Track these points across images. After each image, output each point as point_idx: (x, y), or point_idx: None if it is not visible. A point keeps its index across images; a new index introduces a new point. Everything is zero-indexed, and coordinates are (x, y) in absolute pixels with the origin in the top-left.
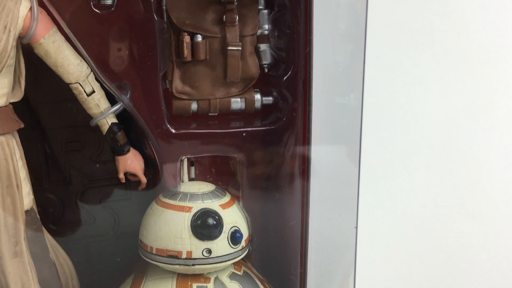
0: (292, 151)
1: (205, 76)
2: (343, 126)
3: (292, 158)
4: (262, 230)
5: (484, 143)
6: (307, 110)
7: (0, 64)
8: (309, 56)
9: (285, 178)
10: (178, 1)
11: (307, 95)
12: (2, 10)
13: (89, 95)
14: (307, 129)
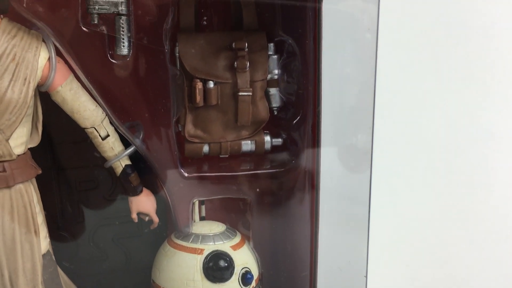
0: (301, 193)
1: (217, 120)
2: (352, 169)
3: (301, 200)
4: (272, 267)
5: (496, 145)
6: (315, 153)
7: (20, 116)
8: (318, 100)
9: (294, 218)
10: (191, 48)
11: (315, 138)
12: (22, 62)
13: (103, 139)
14: (316, 172)
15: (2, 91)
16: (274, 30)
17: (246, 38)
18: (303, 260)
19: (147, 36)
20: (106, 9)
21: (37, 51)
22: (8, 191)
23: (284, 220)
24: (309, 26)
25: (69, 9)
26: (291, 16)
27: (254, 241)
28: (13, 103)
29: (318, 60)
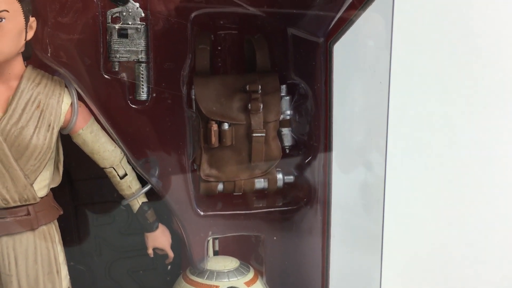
0: (313, 231)
1: (231, 160)
2: (363, 207)
3: (313, 233)
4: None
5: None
6: (326, 191)
7: (44, 161)
8: (328, 140)
9: (306, 252)
10: (206, 91)
11: (327, 177)
12: (46, 109)
13: (121, 178)
14: (327, 209)
15: (27, 138)
16: (286, 72)
17: (259, 80)
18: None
19: (165, 81)
20: (126, 57)
21: (60, 97)
22: (32, 233)
23: (296, 255)
24: (320, 69)
25: (91, 58)
26: (303, 59)
27: (267, 275)
28: (38, 149)
29: (329, 102)
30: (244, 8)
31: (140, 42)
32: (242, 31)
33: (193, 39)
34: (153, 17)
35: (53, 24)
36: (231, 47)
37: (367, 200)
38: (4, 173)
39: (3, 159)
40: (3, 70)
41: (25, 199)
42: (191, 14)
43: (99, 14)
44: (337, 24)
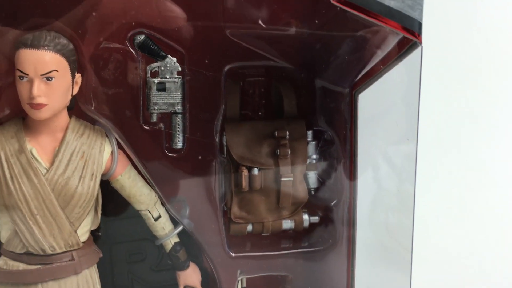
0: (338, 271)
1: (260, 203)
2: (389, 249)
3: (339, 275)
4: None
5: None
6: (351, 233)
7: (88, 208)
8: (354, 185)
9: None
10: (237, 137)
11: (351, 219)
12: (89, 158)
13: (156, 220)
14: (352, 251)
15: (73, 188)
16: (313, 118)
17: (287, 126)
18: None
19: (200, 131)
20: (164, 108)
21: (102, 146)
22: (76, 277)
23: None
24: (345, 117)
25: (131, 110)
26: (328, 106)
27: None
28: (82, 198)
29: (354, 149)
30: (275, 62)
31: (177, 95)
32: (270, 78)
33: (225, 90)
34: (189, 71)
35: (97, 79)
36: (259, 92)
37: (393, 243)
38: (51, 221)
39: (50, 208)
40: (50, 123)
41: (70, 245)
42: (225, 67)
43: (140, 69)
44: (364, 76)
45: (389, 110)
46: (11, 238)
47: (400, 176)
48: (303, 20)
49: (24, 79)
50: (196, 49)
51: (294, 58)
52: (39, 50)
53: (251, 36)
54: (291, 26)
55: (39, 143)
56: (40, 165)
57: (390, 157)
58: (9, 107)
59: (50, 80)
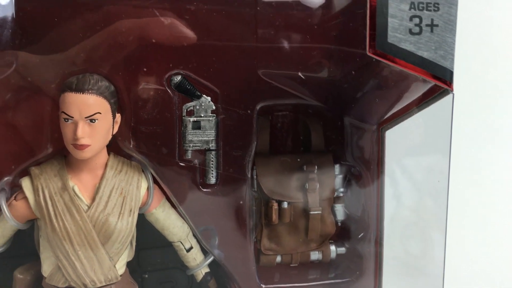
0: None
1: (289, 235)
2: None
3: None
4: None
5: None
6: (378, 266)
7: (126, 243)
8: (380, 217)
9: None
10: (267, 172)
11: (378, 252)
12: (127, 194)
13: (188, 251)
14: (378, 284)
15: (113, 224)
16: (340, 152)
17: (315, 160)
18: None
19: (232, 167)
20: (199, 146)
21: (139, 182)
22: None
23: None
24: (372, 152)
25: (167, 147)
26: (356, 142)
27: None
28: (122, 234)
29: (381, 184)
30: (306, 100)
31: (211, 132)
32: (296, 111)
33: (257, 127)
34: (223, 110)
35: (136, 119)
36: (287, 126)
37: (421, 274)
38: (92, 256)
39: (91, 244)
40: (90, 160)
41: (109, 279)
42: (257, 105)
43: (176, 108)
44: (392, 115)
45: (418, 147)
46: (54, 272)
47: (428, 211)
48: (335, 62)
49: (69, 121)
50: (230, 88)
51: (323, 96)
52: (84, 94)
53: (283, 76)
54: (323, 66)
55: (80, 181)
56: (81, 202)
57: (418, 192)
58: (51, 145)
59: (93, 122)
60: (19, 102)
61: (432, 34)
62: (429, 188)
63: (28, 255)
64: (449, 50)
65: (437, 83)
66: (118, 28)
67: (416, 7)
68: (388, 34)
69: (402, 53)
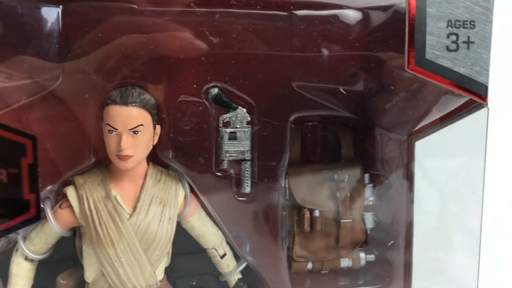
0: None
1: (320, 243)
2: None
3: None
4: None
5: None
6: (407, 274)
7: (166, 250)
8: (410, 226)
9: None
10: (299, 181)
11: (407, 259)
12: (166, 203)
13: (221, 257)
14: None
15: (153, 232)
16: (368, 162)
17: (345, 170)
18: None
19: (267, 176)
20: (234, 156)
21: (177, 191)
22: None
23: None
24: (402, 162)
25: (204, 157)
26: (385, 151)
27: None
28: (162, 241)
29: (411, 193)
30: (338, 111)
31: (247, 143)
32: (326, 121)
33: (290, 138)
34: (258, 121)
35: (175, 130)
36: (316, 136)
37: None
38: (135, 263)
39: (134, 251)
40: (131, 170)
41: (150, 285)
42: (290, 116)
43: (213, 119)
44: (424, 126)
45: (450, 158)
46: (97, 279)
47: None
48: (372, 75)
49: (113, 132)
50: (264, 100)
51: (353, 107)
52: (128, 107)
53: (316, 89)
54: (359, 77)
55: (122, 190)
56: (124, 211)
57: (448, 203)
58: (94, 155)
59: (136, 133)
60: (64, 113)
61: (468, 50)
62: (463, 199)
63: (68, 261)
64: (484, 66)
65: (473, 98)
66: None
67: (453, 25)
68: (426, 51)
69: (439, 69)
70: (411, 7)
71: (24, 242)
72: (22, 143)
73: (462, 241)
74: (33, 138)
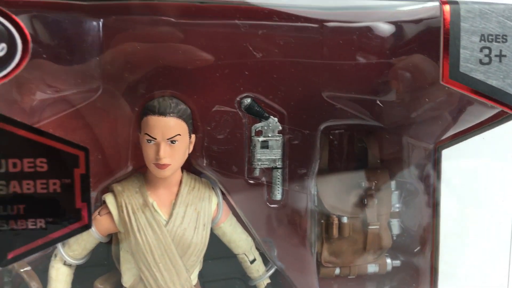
0: None
1: (348, 248)
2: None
3: None
4: None
5: None
6: (433, 280)
7: (201, 255)
8: (435, 233)
9: None
10: (327, 189)
11: (433, 265)
12: (201, 210)
13: (251, 262)
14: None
15: (189, 239)
16: (395, 169)
17: (372, 177)
18: None
19: (296, 183)
20: (266, 164)
21: (210, 198)
22: None
23: None
24: (429, 169)
25: (237, 165)
26: (411, 159)
27: None
28: (197, 247)
29: (437, 200)
30: (367, 120)
31: (278, 151)
32: (353, 130)
33: (320, 146)
34: (289, 130)
35: (209, 139)
36: (342, 143)
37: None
38: (171, 268)
39: (171, 257)
40: (168, 178)
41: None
42: (320, 126)
43: (246, 129)
44: (452, 135)
45: (478, 166)
46: (136, 283)
47: (489, 226)
48: (405, 85)
49: (151, 142)
50: (295, 110)
51: (383, 116)
52: (166, 117)
53: (345, 99)
54: (392, 86)
55: (158, 197)
56: (161, 217)
57: (475, 210)
58: (131, 164)
59: (174, 143)
60: (102, 123)
61: (500, 64)
62: (492, 206)
63: (104, 266)
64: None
65: (504, 109)
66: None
67: (486, 39)
68: (460, 64)
69: (472, 82)
70: (446, 22)
71: (63, 248)
72: (75, 154)
73: (491, 247)
74: (85, 150)
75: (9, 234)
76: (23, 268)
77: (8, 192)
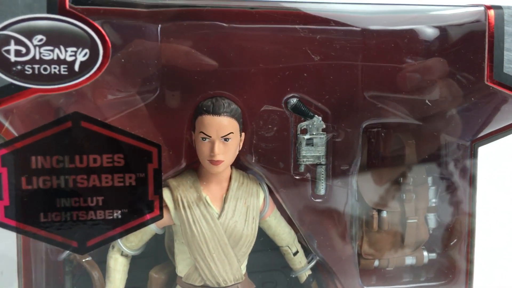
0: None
1: (387, 241)
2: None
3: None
4: None
5: None
6: (468, 272)
7: (250, 247)
8: (471, 227)
9: None
10: (367, 184)
11: (468, 257)
12: (249, 205)
13: (294, 254)
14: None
15: (240, 231)
16: (432, 165)
17: (410, 173)
18: None
19: (339, 179)
20: (311, 161)
21: (257, 193)
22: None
23: None
24: (465, 165)
25: (284, 162)
26: (449, 155)
27: None
28: (248, 239)
29: (473, 196)
30: (405, 119)
31: (322, 149)
32: (389, 128)
33: (362, 143)
34: (333, 128)
35: (257, 137)
36: (379, 140)
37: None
38: (224, 259)
39: (223, 247)
40: (219, 174)
41: (237, 278)
42: (362, 124)
43: (291, 127)
44: (489, 133)
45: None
46: (191, 272)
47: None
48: (447, 85)
49: (206, 140)
50: (339, 109)
51: (422, 115)
52: (220, 116)
53: (388, 99)
54: (435, 85)
55: (211, 191)
56: (213, 211)
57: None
58: (185, 160)
59: (227, 140)
60: (161, 122)
61: None
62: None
63: (158, 256)
64: None
65: None
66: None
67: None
68: (504, 65)
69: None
70: (490, 26)
71: (121, 240)
72: (149, 151)
73: None
74: (158, 146)
75: (88, 224)
76: (85, 258)
77: (88, 186)
